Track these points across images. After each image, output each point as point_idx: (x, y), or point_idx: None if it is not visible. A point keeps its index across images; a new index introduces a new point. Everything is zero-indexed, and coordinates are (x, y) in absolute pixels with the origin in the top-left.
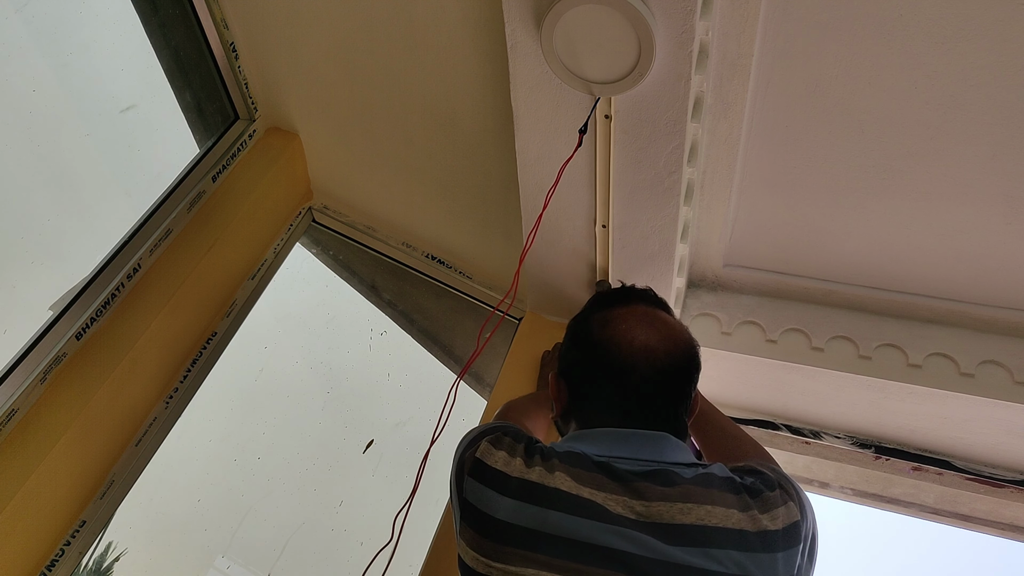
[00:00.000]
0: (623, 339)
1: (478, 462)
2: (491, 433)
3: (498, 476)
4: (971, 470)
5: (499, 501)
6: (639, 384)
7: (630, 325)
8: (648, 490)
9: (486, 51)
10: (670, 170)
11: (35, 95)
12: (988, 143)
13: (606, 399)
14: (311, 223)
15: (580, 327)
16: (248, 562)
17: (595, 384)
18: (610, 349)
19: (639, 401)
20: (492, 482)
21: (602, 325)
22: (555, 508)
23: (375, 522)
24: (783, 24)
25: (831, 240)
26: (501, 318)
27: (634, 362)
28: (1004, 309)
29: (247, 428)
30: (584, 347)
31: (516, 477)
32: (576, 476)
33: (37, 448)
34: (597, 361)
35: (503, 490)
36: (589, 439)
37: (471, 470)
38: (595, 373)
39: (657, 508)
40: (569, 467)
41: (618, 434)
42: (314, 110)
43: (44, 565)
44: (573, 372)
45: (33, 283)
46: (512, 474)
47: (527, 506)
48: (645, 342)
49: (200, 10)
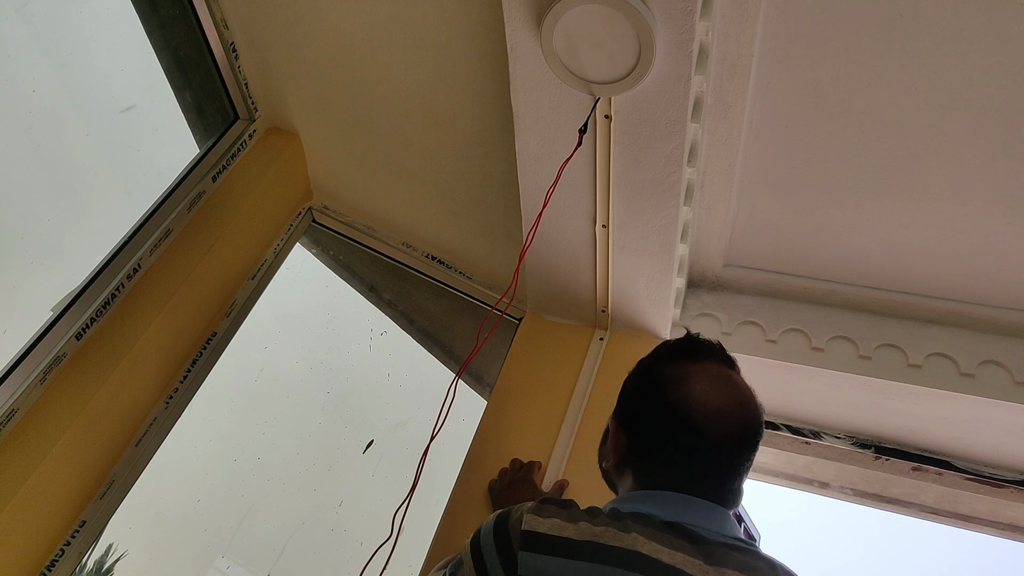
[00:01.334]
0: (696, 400)
1: (531, 535)
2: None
3: (564, 543)
4: (971, 470)
5: (572, 568)
6: (710, 449)
7: (704, 386)
8: (724, 556)
9: (486, 51)
10: (670, 170)
11: (35, 95)
12: (988, 143)
13: (673, 459)
14: (311, 223)
15: (649, 380)
16: (248, 562)
17: (662, 442)
18: (683, 409)
19: (706, 466)
20: (558, 549)
21: (675, 382)
22: (636, 570)
23: (375, 522)
24: (783, 25)
25: (831, 240)
26: (500, 316)
27: (706, 425)
28: (1004, 309)
29: (247, 428)
30: (653, 402)
31: (586, 541)
32: (652, 536)
33: (37, 448)
34: (668, 419)
35: (574, 554)
36: (654, 501)
37: (525, 544)
38: (663, 431)
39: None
40: (643, 527)
41: (687, 500)
42: (314, 110)
43: (44, 565)
44: (637, 425)
45: (33, 283)
46: (580, 537)
47: (605, 568)
48: (719, 406)
49: (200, 10)
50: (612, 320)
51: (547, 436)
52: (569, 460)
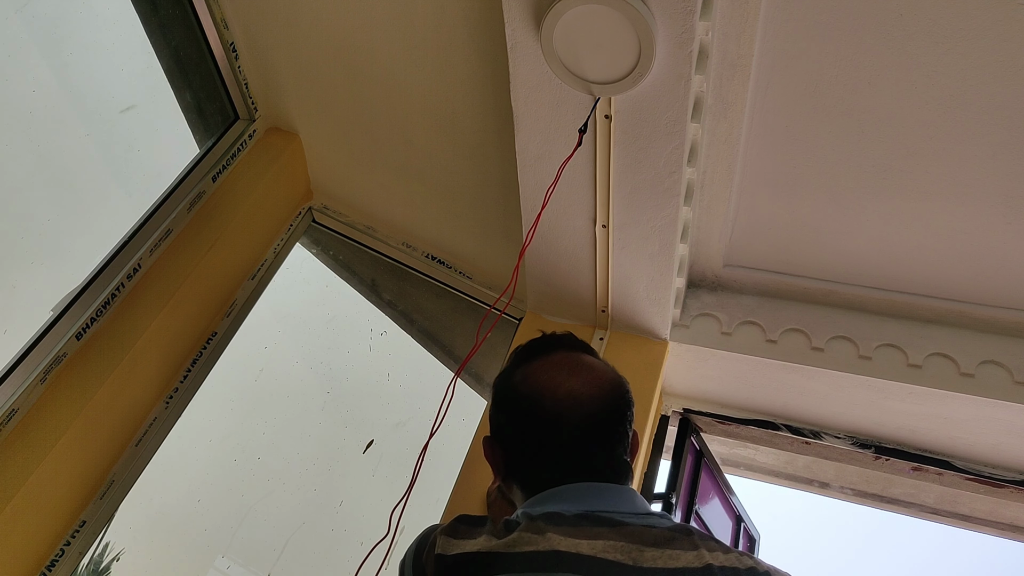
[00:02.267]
0: (545, 390)
1: (442, 558)
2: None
3: (476, 559)
4: (971, 470)
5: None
6: (572, 432)
7: (551, 375)
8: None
9: (486, 51)
10: (670, 170)
11: (35, 95)
12: (988, 143)
13: (543, 455)
14: (311, 223)
15: (503, 386)
16: (248, 562)
17: (527, 442)
18: (535, 403)
19: (575, 451)
20: (472, 568)
21: (523, 380)
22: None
23: (375, 522)
24: (783, 24)
25: (831, 240)
26: (500, 314)
27: (560, 411)
28: (1004, 309)
29: (247, 428)
30: (509, 406)
31: (500, 552)
32: (566, 532)
33: (37, 448)
34: (525, 417)
35: (490, 569)
36: (557, 497)
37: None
38: (525, 430)
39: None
40: (556, 525)
41: (587, 488)
42: (314, 110)
43: (44, 565)
44: (504, 433)
45: (33, 283)
46: (493, 550)
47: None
48: (569, 390)
49: (200, 10)
50: (612, 320)
51: None
52: None
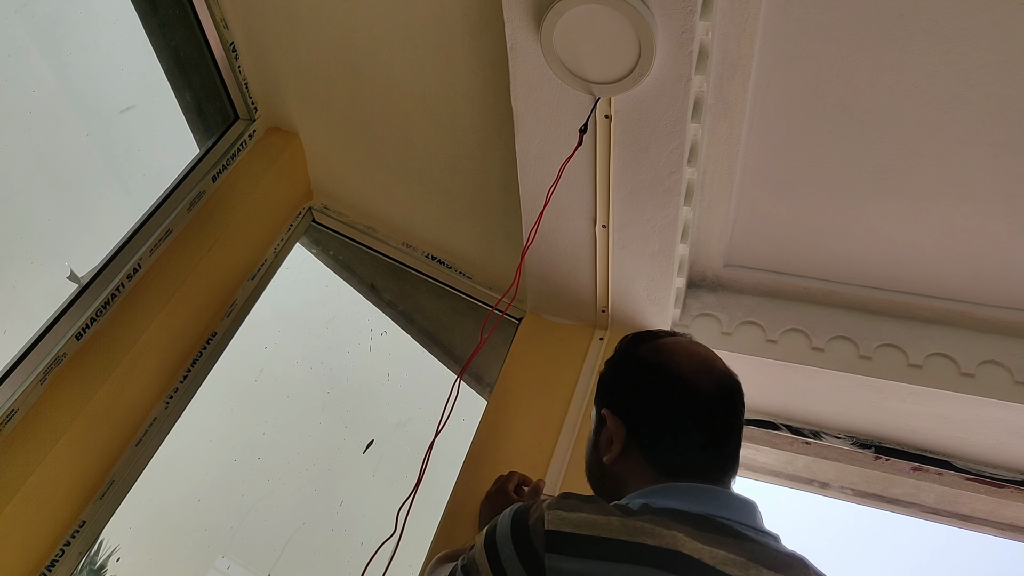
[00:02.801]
0: (680, 358)
1: (556, 535)
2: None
3: (597, 542)
4: (971, 470)
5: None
6: (707, 396)
7: (683, 348)
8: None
9: (486, 51)
10: (670, 170)
11: (35, 95)
12: (989, 143)
13: (678, 420)
14: (311, 223)
15: (629, 359)
16: (248, 562)
17: (662, 405)
18: (670, 369)
19: (710, 419)
20: (590, 550)
21: (653, 352)
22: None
23: (375, 522)
24: (783, 24)
25: (831, 240)
26: (501, 315)
27: (697, 380)
28: (1004, 309)
29: (247, 428)
30: (640, 374)
31: (622, 540)
32: (692, 535)
33: (37, 448)
34: (659, 381)
35: (609, 555)
36: (680, 494)
37: (551, 545)
38: (660, 393)
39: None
40: (681, 525)
41: (713, 492)
42: (314, 110)
43: (44, 565)
44: (631, 402)
45: (33, 283)
46: (614, 536)
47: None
48: (702, 361)
49: (200, 10)
50: (612, 320)
51: (547, 436)
52: (570, 461)
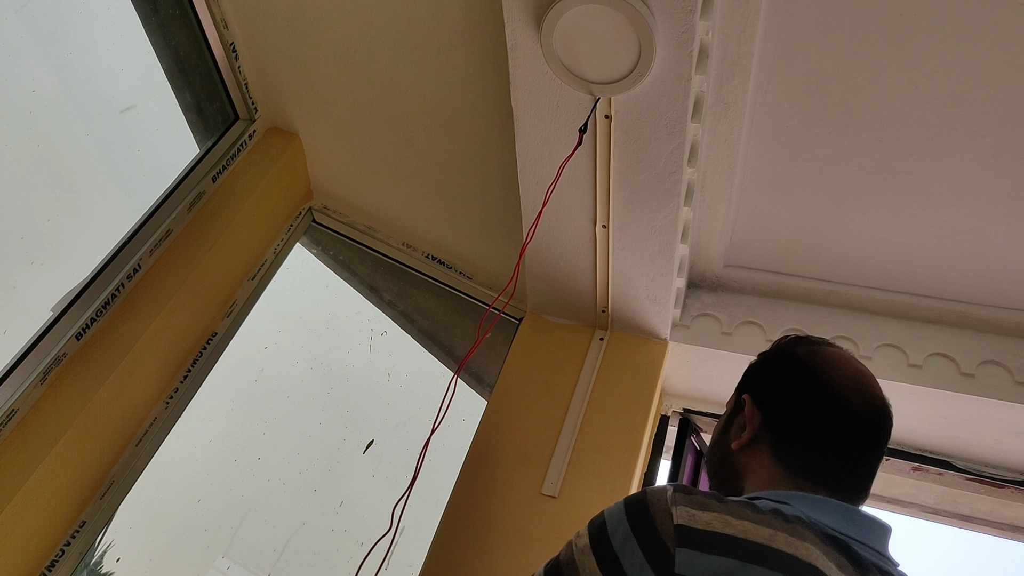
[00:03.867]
0: (838, 368)
1: (688, 530)
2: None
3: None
4: (971, 470)
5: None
6: (854, 413)
7: (843, 360)
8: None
9: (486, 51)
10: (670, 170)
11: (35, 95)
12: (989, 143)
13: (819, 429)
14: (311, 223)
15: (789, 357)
16: (248, 562)
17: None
18: (826, 374)
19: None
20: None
21: (813, 356)
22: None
23: (375, 522)
24: (783, 24)
25: (831, 240)
26: (499, 313)
27: (850, 390)
28: (1004, 309)
29: (247, 428)
30: (795, 370)
31: (759, 543)
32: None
33: (37, 448)
34: (811, 385)
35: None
36: (814, 506)
37: (682, 540)
38: (807, 397)
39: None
40: (814, 536)
41: (850, 513)
42: (314, 110)
43: (44, 565)
44: (777, 395)
45: (33, 283)
46: (751, 538)
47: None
48: (859, 377)
49: (200, 10)
50: (612, 320)
51: (547, 436)
52: (570, 461)
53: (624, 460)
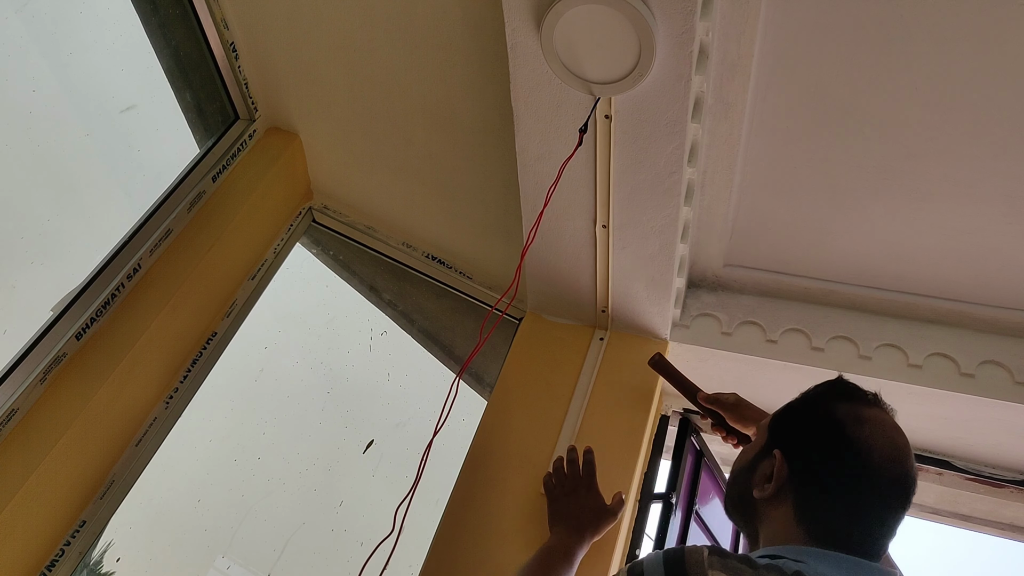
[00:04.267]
0: (877, 443)
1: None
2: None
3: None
4: (971, 470)
5: None
6: (882, 491)
7: (883, 432)
8: None
9: (486, 51)
10: (670, 170)
11: (35, 95)
12: (989, 143)
13: (846, 505)
14: (311, 223)
15: (825, 415)
16: (248, 562)
17: (837, 484)
18: (863, 452)
19: (876, 508)
20: None
21: (854, 423)
22: None
23: (375, 522)
24: (783, 25)
25: (831, 240)
26: (501, 315)
27: (883, 470)
28: (1004, 309)
29: (247, 428)
30: (832, 439)
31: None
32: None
33: (37, 448)
34: (846, 460)
35: None
36: (831, 562)
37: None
38: (841, 472)
39: None
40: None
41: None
42: (314, 110)
43: (44, 565)
44: (809, 460)
45: (33, 283)
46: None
47: None
48: (894, 453)
49: (200, 10)
50: (612, 320)
51: (547, 436)
52: None
53: (624, 460)
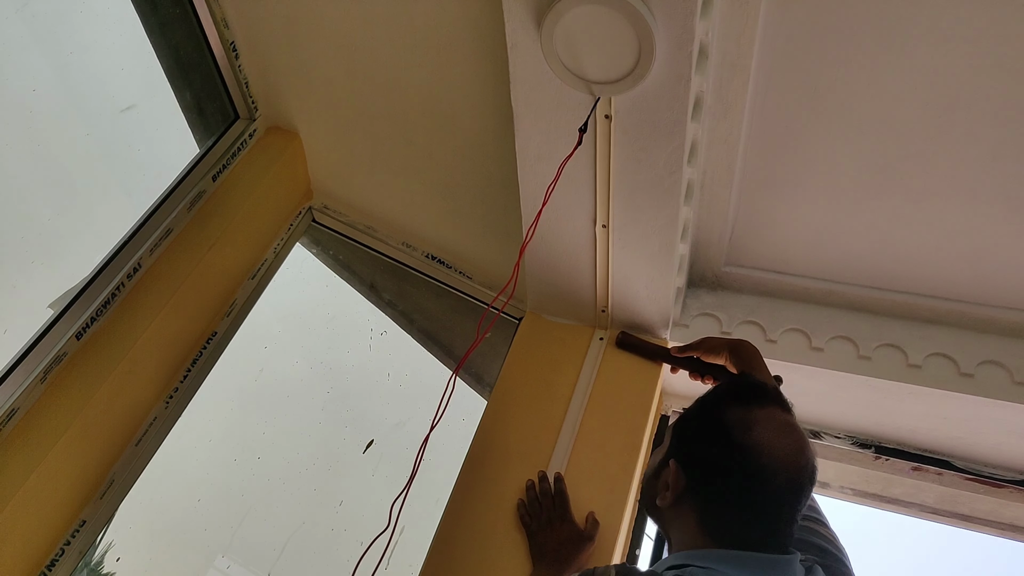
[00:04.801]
0: (767, 447)
1: None
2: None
3: None
4: (971, 470)
5: None
6: (776, 494)
7: (773, 434)
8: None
9: (486, 51)
10: (670, 170)
11: (35, 95)
12: (988, 143)
13: (741, 509)
14: (311, 223)
15: (715, 422)
16: (248, 562)
17: (730, 491)
18: (753, 455)
19: (773, 511)
20: None
21: (743, 428)
22: None
23: (375, 521)
24: (783, 25)
25: (831, 240)
26: (499, 312)
27: (775, 472)
28: (1004, 309)
29: (247, 428)
30: (721, 445)
31: None
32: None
33: (37, 448)
34: (736, 463)
35: None
36: (736, 563)
37: None
38: (731, 479)
39: None
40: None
41: (767, 562)
42: (314, 110)
43: (44, 565)
44: (702, 468)
45: (33, 283)
46: None
47: None
48: (786, 454)
49: (200, 10)
50: (612, 320)
51: (547, 436)
52: (569, 461)
53: (624, 460)
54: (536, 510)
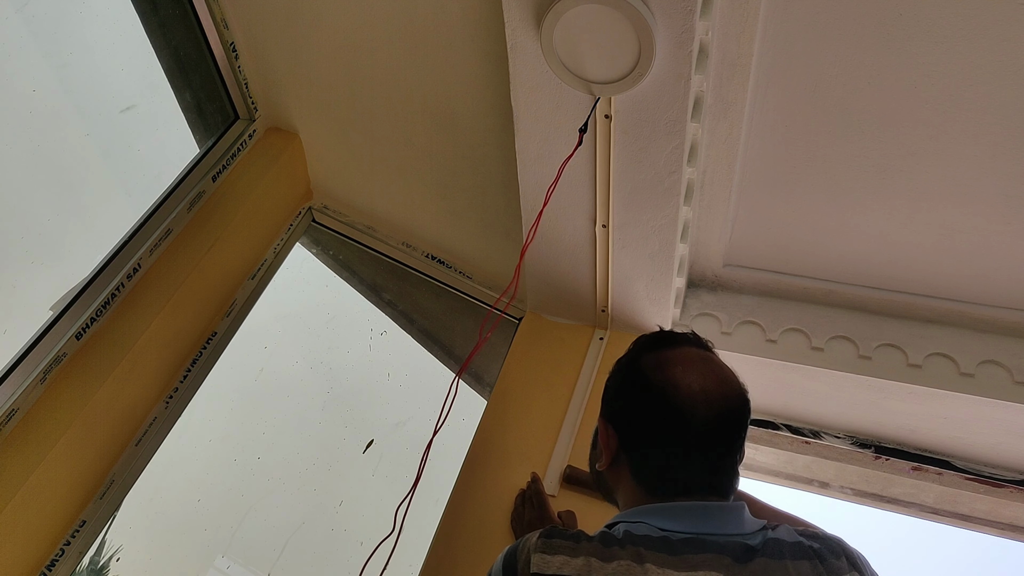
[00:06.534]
0: (681, 383)
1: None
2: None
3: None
4: (971, 470)
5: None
6: (699, 429)
7: (685, 368)
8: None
9: (486, 51)
10: (670, 170)
11: (35, 95)
12: (988, 143)
13: (666, 446)
14: (311, 223)
15: (628, 371)
16: (248, 562)
17: (653, 429)
18: (667, 392)
19: (700, 449)
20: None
21: (655, 367)
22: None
23: (375, 522)
24: (783, 24)
25: (831, 240)
26: (501, 314)
27: (694, 405)
28: (1004, 309)
29: (247, 428)
30: (636, 392)
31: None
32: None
33: (37, 448)
34: (654, 405)
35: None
36: (665, 515)
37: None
38: (652, 418)
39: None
40: (656, 553)
41: (699, 509)
42: (314, 110)
43: (44, 565)
44: (625, 418)
45: (33, 283)
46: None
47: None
48: (703, 386)
49: (200, 10)
50: (612, 320)
51: (547, 436)
52: (569, 460)
53: None
54: (520, 514)
